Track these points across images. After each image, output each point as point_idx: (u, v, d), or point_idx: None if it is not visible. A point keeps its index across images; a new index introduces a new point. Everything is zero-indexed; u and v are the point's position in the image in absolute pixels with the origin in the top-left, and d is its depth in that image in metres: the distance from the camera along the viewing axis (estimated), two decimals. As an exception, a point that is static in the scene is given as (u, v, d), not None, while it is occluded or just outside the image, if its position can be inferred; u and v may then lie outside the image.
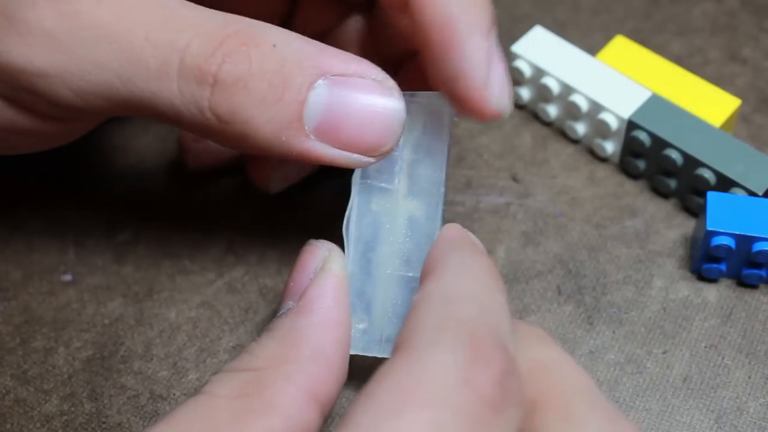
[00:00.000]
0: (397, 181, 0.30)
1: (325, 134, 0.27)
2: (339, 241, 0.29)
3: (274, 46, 0.26)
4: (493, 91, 0.29)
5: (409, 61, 0.34)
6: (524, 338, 0.25)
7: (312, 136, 0.27)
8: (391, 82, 0.27)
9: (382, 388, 0.21)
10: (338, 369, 0.27)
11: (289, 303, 0.28)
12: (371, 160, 0.28)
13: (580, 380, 0.24)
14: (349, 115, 0.27)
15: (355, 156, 0.27)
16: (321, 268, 0.29)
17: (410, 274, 0.30)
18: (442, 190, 0.30)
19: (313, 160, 0.27)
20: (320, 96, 0.26)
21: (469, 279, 0.25)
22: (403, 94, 0.28)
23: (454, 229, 0.28)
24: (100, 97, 0.27)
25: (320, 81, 0.26)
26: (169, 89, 0.26)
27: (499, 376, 0.22)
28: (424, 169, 0.30)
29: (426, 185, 0.30)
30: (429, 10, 0.28)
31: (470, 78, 0.28)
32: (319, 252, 0.29)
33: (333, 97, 0.27)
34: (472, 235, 0.28)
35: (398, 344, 0.23)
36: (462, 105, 0.29)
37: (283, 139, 0.27)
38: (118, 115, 0.29)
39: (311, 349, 0.26)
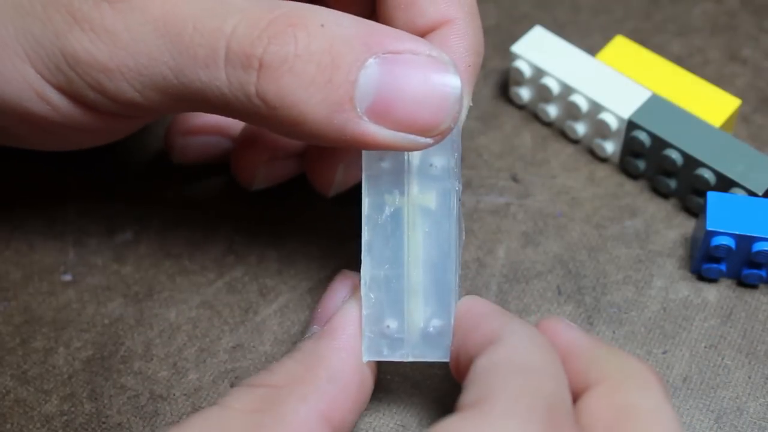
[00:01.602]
0: (405, 177, 0.28)
1: (378, 115, 0.25)
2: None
3: (322, 26, 0.25)
4: None
5: None
6: (628, 377, 0.25)
7: (365, 118, 0.25)
8: (446, 58, 0.26)
9: None
10: (355, 394, 0.27)
11: (315, 328, 0.29)
12: (429, 141, 0.26)
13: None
14: (403, 94, 0.25)
15: (411, 137, 0.26)
16: (349, 297, 0.29)
17: (429, 276, 0.28)
18: (456, 178, 0.28)
19: (368, 143, 0.26)
20: (371, 75, 0.25)
21: (539, 350, 0.25)
22: None
23: (477, 299, 0.29)
24: (155, 90, 0.27)
25: (371, 59, 0.25)
26: (217, 77, 0.26)
27: None
28: (437, 159, 0.28)
29: (438, 174, 0.28)
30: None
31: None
32: (349, 281, 0.30)
33: (385, 76, 0.25)
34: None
35: (471, 403, 0.24)
36: None
37: (335, 122, 0.25)
38: (174, 111, 0.29)
39: (329, 372, 0.27)
